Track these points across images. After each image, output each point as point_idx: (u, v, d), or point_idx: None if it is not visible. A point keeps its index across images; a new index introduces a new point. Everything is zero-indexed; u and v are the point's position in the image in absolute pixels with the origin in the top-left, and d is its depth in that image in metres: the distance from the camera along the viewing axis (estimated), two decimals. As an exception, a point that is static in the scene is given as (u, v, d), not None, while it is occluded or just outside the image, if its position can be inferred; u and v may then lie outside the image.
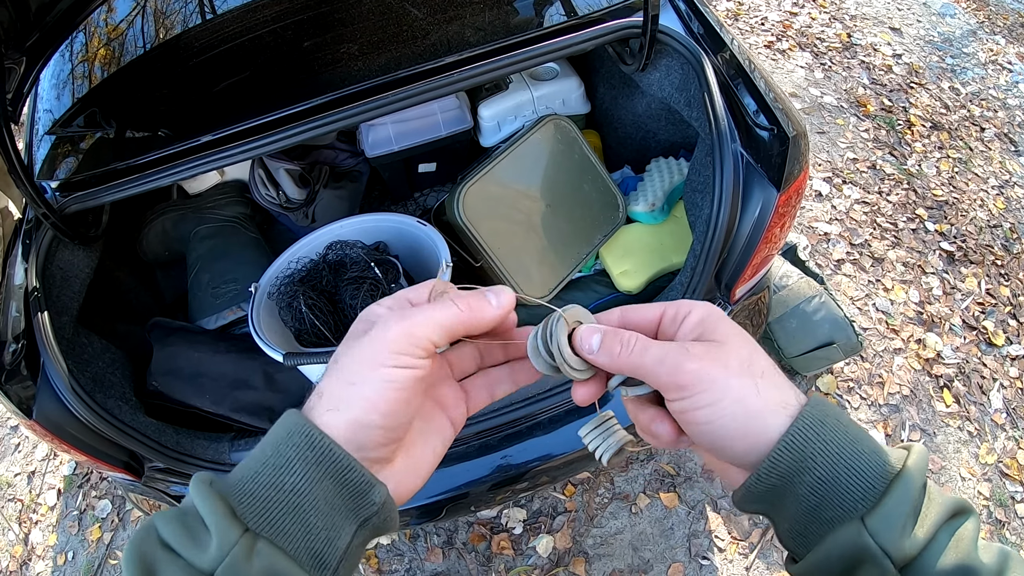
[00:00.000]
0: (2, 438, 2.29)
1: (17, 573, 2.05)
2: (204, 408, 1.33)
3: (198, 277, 1.46)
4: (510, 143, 1.32)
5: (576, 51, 1.19)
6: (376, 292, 1.12)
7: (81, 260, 1.37)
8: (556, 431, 1.31)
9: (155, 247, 1.58)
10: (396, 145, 1.42)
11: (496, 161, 1.28)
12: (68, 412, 1.13)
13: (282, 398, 1.35)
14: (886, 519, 0.32)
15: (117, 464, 1.24)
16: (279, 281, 1.22)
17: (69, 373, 1.14)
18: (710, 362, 0.34)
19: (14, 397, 1.10)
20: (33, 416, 1.11)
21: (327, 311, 1.14)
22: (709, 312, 0.37)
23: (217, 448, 1.30)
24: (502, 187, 1.29)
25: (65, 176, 1.34)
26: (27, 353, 1.15)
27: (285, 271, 1.24)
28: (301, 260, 1.24)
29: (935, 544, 0.32)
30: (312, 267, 1.21)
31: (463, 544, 1.68)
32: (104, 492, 2.05)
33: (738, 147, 1.16)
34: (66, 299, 1.32)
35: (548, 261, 1.32)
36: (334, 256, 1.22)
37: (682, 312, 0.38)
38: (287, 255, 1.28)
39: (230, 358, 1.35)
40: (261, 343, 1.10)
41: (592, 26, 1.20)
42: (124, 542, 1.96)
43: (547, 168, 1.34)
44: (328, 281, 1.17)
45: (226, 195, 1.56)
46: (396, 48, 1.15)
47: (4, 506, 2.13)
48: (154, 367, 1.34)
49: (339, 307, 1.15)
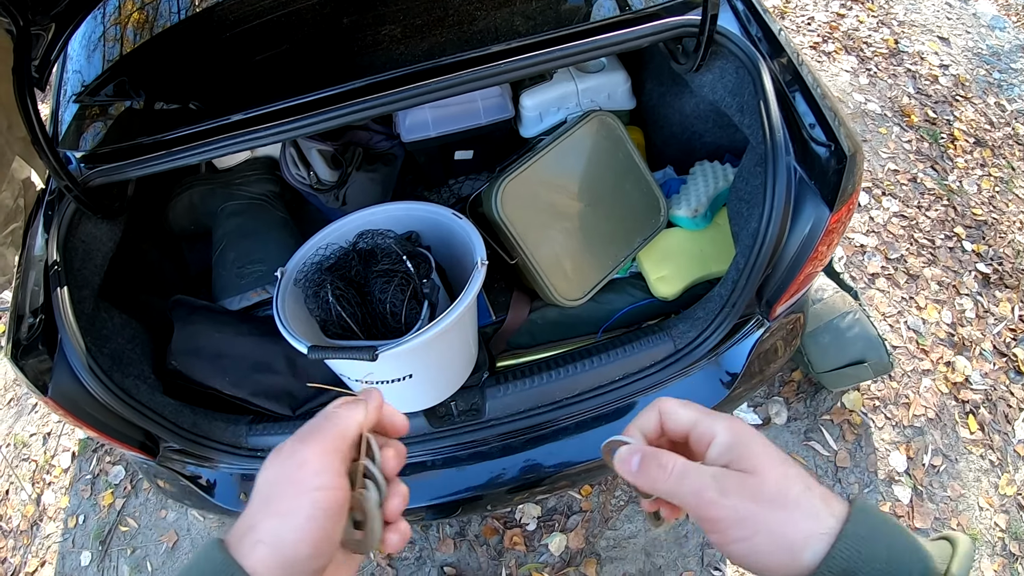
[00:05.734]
0: (20, 397, 2.30)
1: (28, 532, 2.07)
2: (223, 390, 1.32)
3: (223, 255, 1.44)
4: (553, 137, 1.28)
5: (629, 48, 1.14)
6: (407, 286, 1.09)
7: (104, 233, 1.34)
8: (581, 436, 1.29)
9: (182, 220, 1.56)
10: (434, 131, 1.39)
11: (538, 156, 1.24)
12: (84, 390, 1.11)
13: (303, 383, 1.33)
14: None
15: (132, 443, 1.22)
16: (306, 267, 1.19)
17: (87, 351, 1.11)
18: (742, 498, 0.35)
19: (30, 372, 1.09)
20: (48, 393, 1.09)
21: (355, 303, 1.11)
22: (737, 437, 0.37)
23: (235, 431, 1.28)
24: (542, 183, 1.25)
25: (90, 147, 1.31)
26: (45, 328, 1.13)
27: (312, 257, 1.21)
28: (330, 247, 1.21)
29: None
30: (341, 255, 1.18)
31: (475, 536, 1.67)
32: (118, 458, 2.06)
33: (792, 160, 1.12)
34: (87, 273, 1.29)
35: (586, 262, 1.28)
36: (364, 245, 1.19)
37: (707, 435, 0.38)
38: (315, 240, 1.25)
39: (252, 340, 1.33)
40: (285, 332, 1.07)
41: (647, 22, 1.14)
42: (137, 509, 1.98)
43: (590, 165, 1.29)
44: (358, 272, 1.14)
45: (256, 172, 1.53)
46: (441, 33, 1.11)
47: (19, 465, 2.15)
48: (175, 346, 1.32)
49: (368, 299, 1.12)
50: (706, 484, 0.36)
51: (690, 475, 0.36)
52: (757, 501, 0.34)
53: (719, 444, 0.37)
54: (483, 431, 1.24)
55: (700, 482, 0.36)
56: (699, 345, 1.25)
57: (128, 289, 1.42)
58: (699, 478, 0.36)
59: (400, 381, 1.12)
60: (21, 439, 2.20)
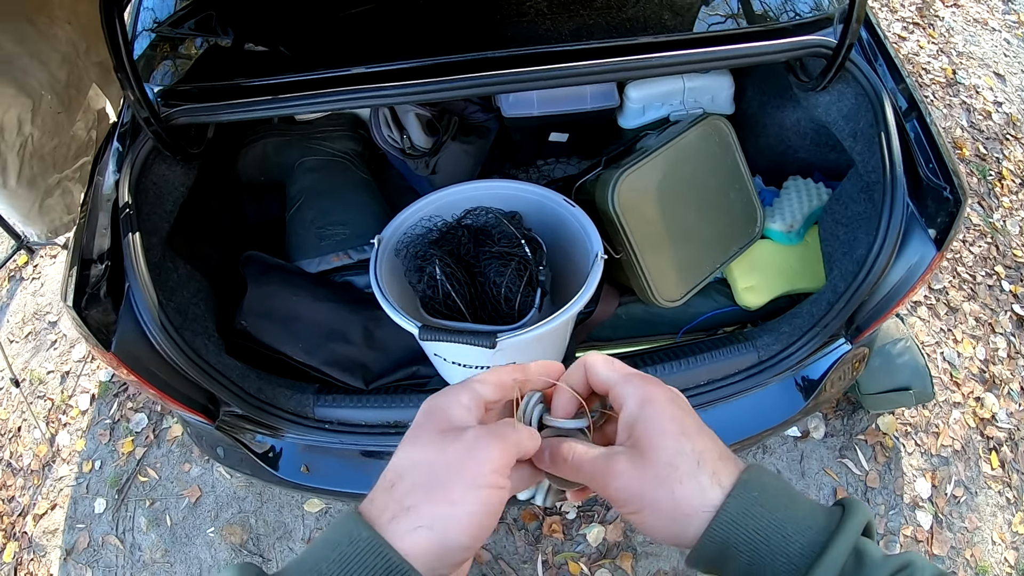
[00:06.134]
0: (39, 332, 2.21)
1: (39, 473, 2.00)
2: (294, 356, 1.27)
3: (301, 213, 1.38)
4: (669, 136, 1.25)
5: (758, 62, 1.12)
6: (523, 272, 1.06)
7: (177, 177, 1.27)
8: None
9: (251, 170, 1.49)
10: (537, 110, 1.35)
11: (655, 153, 1.22)
12: (150, 346, 1.04)
13: (379, 356, 1.30)
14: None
15: (193, 406, 1.16)
16: (407, 238, 1.15)
17: (159, 305, 1.04)
18: (630, 478, 0.36)
19: (92, 323, 1.00)
20: (112, 348, 1.01)
21: (464, 283, 1.08)
22: (640, 410, 0.38)
23: (300, 400, 1.24)
24: (654, 180, 1.22)
25: (170, 83, 1.24)
26: (111, 276, 1.05)
27: (414, 228, 1.17)
28: (434, 219, 1.17)
29: None
30: (448, 230, 1.14)
31: (514, 520, 1.67)
32: (141, 405, 2.00)
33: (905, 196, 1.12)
34: (156, 218, 1.21)
35: (685, 265, 1.27)
36: (472, 222, 1.15)
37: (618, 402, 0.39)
38: (414, 210, 1.20)
39: (329, 307, 1.29)
40: (391, 310, 1.03)
41: (778, 37, 1.12)
42: (158, 460, 1.92)
43: (699, 168, 1.28)
44: (468, 250, 1.10)
45: (338, 128, 1.46)
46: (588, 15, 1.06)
47: (34, 403, 2.07)
48: (246, 305, 1.27)
49: (478, 280, 1.09)
50: (598, 468, 0.37)
51: (584, 463, 0.38)
52: (643, 480, 0.36)
53: (624, 415, 0.38)
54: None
55: (593, 467, 0.38)
56: (783, 359, 1.26)
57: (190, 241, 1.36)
58: (592, 464, 0.38)
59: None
60: (38, 375, 2.11)
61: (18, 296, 2.32)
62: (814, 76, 1.21)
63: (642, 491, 0.36)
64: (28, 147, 1.18)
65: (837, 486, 1.73)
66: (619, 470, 0.37)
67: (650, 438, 0.37)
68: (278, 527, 1.76)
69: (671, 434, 0.37)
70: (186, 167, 1.29)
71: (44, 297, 2.29)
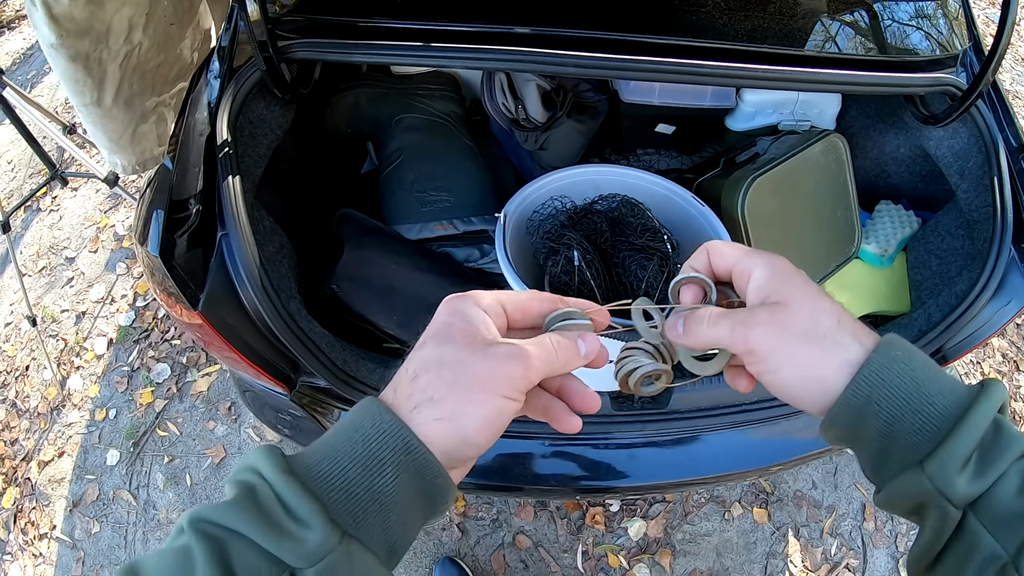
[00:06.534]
0: (55, 267, 2.05)
1: (46, 416, 1.88)
2: (386, 328, 1.21)
3: (401, 173, 1.31)
4: (791, 146, 1.25)
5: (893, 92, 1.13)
6: (665, 270, 1.04)
7: (275, 118, 1.18)
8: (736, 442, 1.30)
9: (339, 120, 1.41)
10: (656, 99, 1.31)
11: (781, 160, 1.21)
12: (240, 306, 0.94)
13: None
14: (943, 463, 0.33)
15: (276, 375, 1.06)
16: (540, 217, 1.11)
17: (260, 261, 0.93)
18: (771, 330, 0.37)
19: (179, 276, 0.89)
20: (199, 307, 0.90)
21: (601, 271, 1.05)
22: (772, 272, 0.39)
23: (385, 375, 1.17)
24: (776, 189, 1.22)
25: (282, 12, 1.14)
26: (202, 222, 0.94)
27: (544, 207, 1.13)
28: (563, 199, 1.13)
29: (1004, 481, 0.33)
30: (583, 213, 1.10)
31: (556, 508, 1.67)
32: (164, 355, 1.89)
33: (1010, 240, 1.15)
34: (249, 162, 1.10)
35: (790, 275, 1.28)
36: (603, 207, 1.12)
37: (746, 272, 0.40)
38: (540, 187, 1.15)
39: (430, 279, 1.23)
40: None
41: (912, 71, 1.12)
42: (180, 415, 1.83)
43: (817, 183, 1.28)
44: (606, 238, 1.07)
45: (441, 88, 1.39)
46: (763, 19, 1.03)
47: (45, 342, 1.93)
48: (341, 269, 1.20)
49: (614, 270, 1.06)
50: (739, 320, 0.38)
51: (724, 317, 0.39)
52: (786, 334, 0.36)
53: (756, 279, 0.39)
54: (659, 422, 1.22)
55: (734, 319, 0.38)
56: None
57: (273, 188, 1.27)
58: (732, 317, 0.38)
59: (622, 360, 1.08)
60: (51, 313, 1.97)
61: (34, 227, 2.15)
62: (934, 112, 1.23)
63: (782, 344, 0.36)
64: (132, 59, 1.05)
65: (865, 501, 1.79)
66: (761, 319, 0.37)
67: (789, 295, 0.37)
68: (312, 496, 1.71)
69: (809, 294, 0.38)
70: (284, 109, 1.19)
71: (62, 231, 2.13)
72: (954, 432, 0.33)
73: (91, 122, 1.09)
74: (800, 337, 0.36)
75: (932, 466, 0.33)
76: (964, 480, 0.33)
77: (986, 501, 0.33)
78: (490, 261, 1.25)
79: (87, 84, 1.03)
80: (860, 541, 1.74)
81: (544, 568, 1.62)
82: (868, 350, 0.35)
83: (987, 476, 0.33)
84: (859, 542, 1.74)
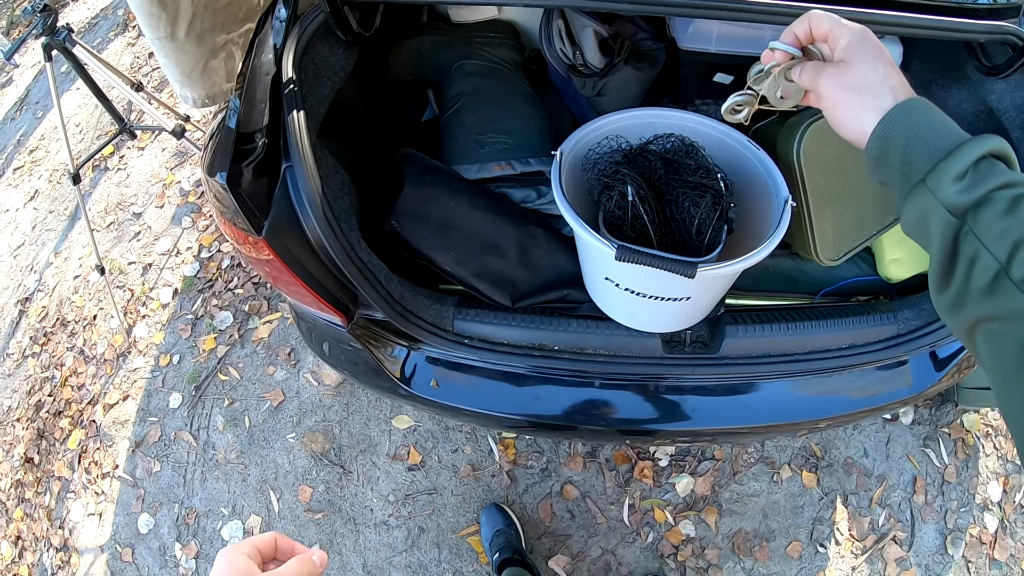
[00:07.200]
0: (122, 222, 2.16)
1: (112, 362, 1.98)
2: (442, 264, 1.24)
3: (461, 116, 1.33)
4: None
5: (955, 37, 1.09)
6: (718, 206, 1.03)
7: (339, 60, 1.22)
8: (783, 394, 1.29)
9: (402, 68, 1.44)
10: (715, 46, 1.30)
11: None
12: (302, 235, 0.99)
13: (530, 275, 1.27)
14: (939, 176, 0.44)
15: (334, 303, 1.12)
16: (595, 155, 1.12)
17: (321, 191, 0.99)
18: (833, 79, 0.52)
19: (244, 204, 0.94)
20: (263, 232, 0.95)
21: (655, 208, 1.05)
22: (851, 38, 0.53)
23: (440, 311, 1.21)
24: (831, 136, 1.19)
25: None
26: (267, 154, 0.99)
27: (600, 145, 1.13)
28: (619, 139, 1.13)
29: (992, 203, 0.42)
30: (638, 152, 1.10)
31: (606, 460, 1.68)
32: (227, 303, 1.97)
33: None
34: (313, 102, 1.15)
35: (846, 226, 1.25)
36: (658, 148, 1.12)
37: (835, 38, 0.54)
38: (597, 127, 1.16)
39: (488, 218, 1.25)
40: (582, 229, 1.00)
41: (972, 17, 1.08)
42: (241, 360, 1.91)
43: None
44: (660, 176, 1.07)
45: (500, 35, 1.41)
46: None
47: (113, 292, 2.03)
48: (401, 205, 1.23)
49: (668, 207, 1.06)
50: (815, 72, 0.54)
51: (809, 68, 0.55)
52: (842, 83, 0.52)
53: (840, 45, 0.53)
54: (710, 367, 1.23)
55: (815, 70, 0.54)
56: (923, 335, 1.26)
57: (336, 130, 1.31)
58: (815, 68, 0.55)
59: (675, 301, 1.08)
60: (118, 265, 2.08)
61: (102, 185, 2.27)
62: (996, 63, 1.19)
63: (839, 89, 0.52)
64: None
65: (917, 474, 1.75)
66: (829, 71, 0.53)
67: (854, 56, 0.52)
68: (363, 439, 1.76)
69: (870, 55, 0.51)
70: (348, 51, 1.23)
71: (129, 188, 2.25)
72: (951, 154, 0.44)
73: (165, 55, 1.15)
74: (851, 87, 0.51)
75: (932, 179, 0.45)
76: (956, 190, 0.43)
77: (976, 215, 0.42)
78: (547, 202, 1.27)
79: (162, 18, 1.10)
80: (909, 514, 1.70)
81: (590, 519, 1.64)
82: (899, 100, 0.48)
83: (975, 191, 0.43)
84: (908, 515, 1.70)
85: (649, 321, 1.18)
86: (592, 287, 1.20)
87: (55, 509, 1.87)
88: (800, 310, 1.29)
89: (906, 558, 1.66)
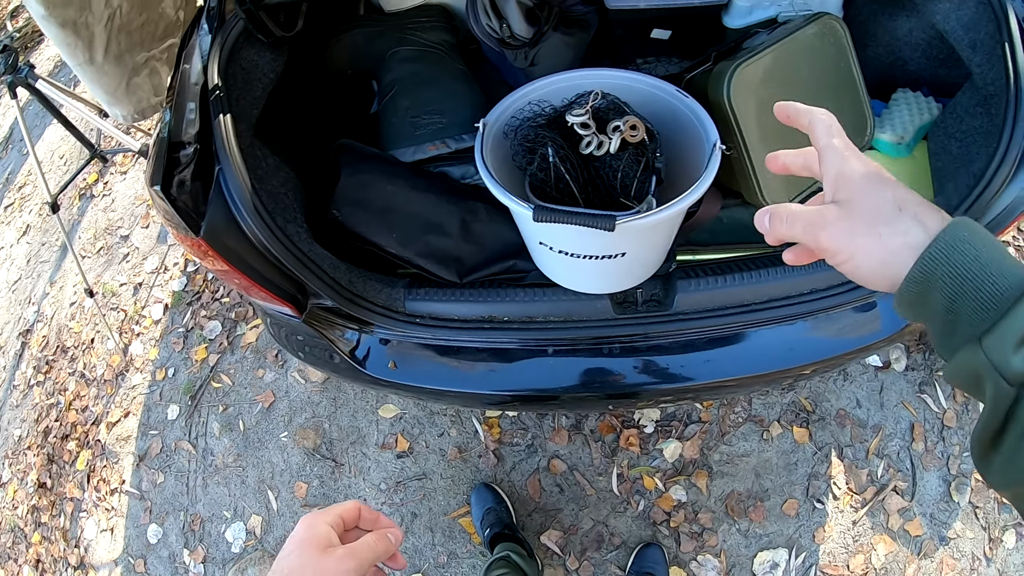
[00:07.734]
0: (111, 246, 2.24)
1: (112, 382, 2.06)
2: (387, 248, 1.26)
3: (395, 102, 1.35)
4: (784, 32, 1.20)
5: None
6: (641, 158, 1.03)
7: (267, 63, 1.24)
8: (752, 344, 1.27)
9: (340, 61, 1.47)
10: (643, 2, 1.29)
11: (769, 48, 1.16)
12: (240, 232, 1.02)
13: (474, 250, 1.28)
14: (999, 339, 0.35)
15: (283, 296, 1.14)
16: (516, 121, 1.12)
17: (252, 188, 1.01)
18: (839, 227, 0.41)
19: (181, 208, 0.98)
20: (201, 232, 0.98)
21: (578, 166, 1.05)
22: (839, 169, 0.43)
23: (391, 293, 1.23)
24: (766, 77, 1.17)
25: None
26: (200, 159, 1.03)
27: (522, 111, 1.14)
28: (542, 103, 1.14)
29: None
30: (559, 114, 1.11)
31: (591, 432, 1.68)
32: (215, 313, 2.03)
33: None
34: (246, 104, 1.19)
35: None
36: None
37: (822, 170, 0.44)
38: (522, 95, 1.16)
39: (427, 198, 1.27)
40: (501, 194, 1.00)
41: None
42: (232, 366, 1.96)
43: (811, 69, 1.21)
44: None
45: (431, 19, 1.43)
46: None
47: (107, 314, 2.11)
48: (340, 194, 1.25)
49: (591, 165, 1.06)
50: (812, 219, 0.42)
51: (800, 215, 0.43)
52: (852, 227, 0.41)
53: (827, 179, 0.44)
54: (665, 324, 1.22)
55: (808, 218, 0.43)
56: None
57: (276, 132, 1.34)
58: (807, 215, 0.43)
59: (611, 258, 1.07)
60: (110, 288, 2.15)
61: (89, 213, 2.35)
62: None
63: (851, 237, 0.41)
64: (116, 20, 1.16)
65: (914, 421, 1.70)
66: (830, 218, 0.42)
67: (853, 190, 0.42)
68: (352, 432, 1.79)
69: (872, 186, 0.41)
70: (275, 53, 1.26)
71: (115, 212, 2.32)
72: (1012, 310, 0.35)
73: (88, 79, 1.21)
74: (863, 231, 0.40)
75: (989, 341, 0.35)
76: (1020, 358, 0.34)
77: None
78: (487, 176, 1.28)
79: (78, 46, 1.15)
80: (909, 463, 1.66)
81: (579, 491, 1.64)
82: (932, 232, 0.38)
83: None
84: (908, 464, 1.66)
85: (591, 283, 1.18)
86: (534, 254, 1.20)
87: (70, 529, 1.94)
88: (757, 260, 1.26)
89: (909, 508, 1.62)
